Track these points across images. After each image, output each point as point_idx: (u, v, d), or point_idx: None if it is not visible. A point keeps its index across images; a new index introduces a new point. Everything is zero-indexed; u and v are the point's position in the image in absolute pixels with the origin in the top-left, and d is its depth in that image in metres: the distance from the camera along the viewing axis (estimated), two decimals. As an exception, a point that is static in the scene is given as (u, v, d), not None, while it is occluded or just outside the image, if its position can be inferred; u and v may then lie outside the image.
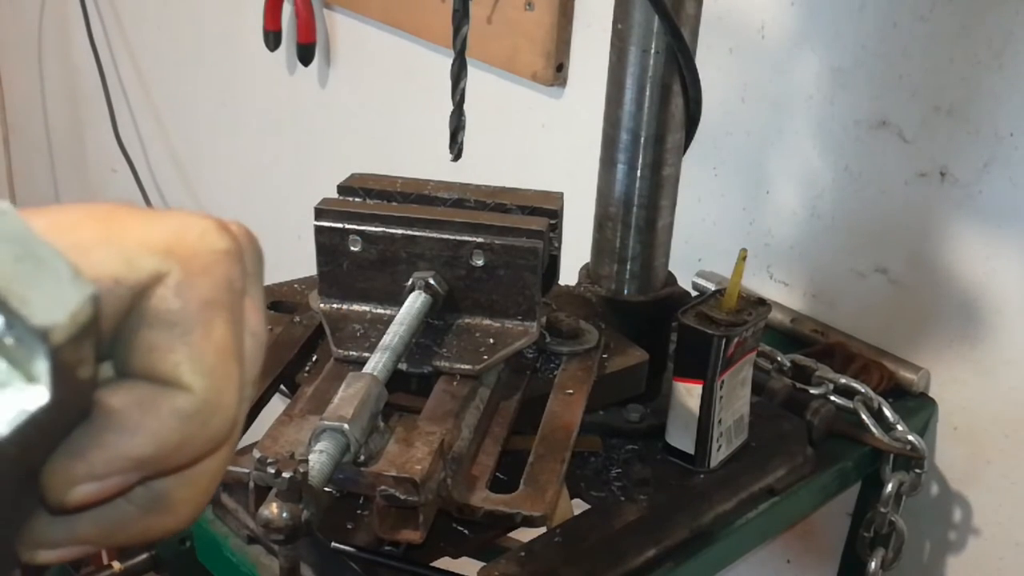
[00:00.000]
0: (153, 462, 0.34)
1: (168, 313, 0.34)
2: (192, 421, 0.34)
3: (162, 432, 0.34)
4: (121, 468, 0.34)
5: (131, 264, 0.33)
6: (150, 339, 0.34)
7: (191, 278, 0.34)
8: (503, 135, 1.57)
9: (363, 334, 0.79)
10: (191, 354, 0.34)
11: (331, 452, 0.61)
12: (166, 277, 0.34)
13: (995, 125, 1.05)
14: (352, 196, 0.84)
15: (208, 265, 0.35)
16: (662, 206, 0.96)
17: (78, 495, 0.34)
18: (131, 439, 0.34)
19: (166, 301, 0.34)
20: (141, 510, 0.36)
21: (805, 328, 1.22)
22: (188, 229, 0.35)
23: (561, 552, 0.80)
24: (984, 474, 1.15)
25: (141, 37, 2.33)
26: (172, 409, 0.34)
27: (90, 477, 0.34)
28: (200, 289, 0.34)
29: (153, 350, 0.34)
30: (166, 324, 0.34)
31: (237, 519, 0.85)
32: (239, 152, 2.17)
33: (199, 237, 0.35)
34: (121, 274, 0.33)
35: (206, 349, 0.34)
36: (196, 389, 0.34)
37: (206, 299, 0.35)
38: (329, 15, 1.83)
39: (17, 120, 2.89)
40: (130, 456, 0.34)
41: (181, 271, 0.34)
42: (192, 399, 0.34)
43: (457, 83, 0.90)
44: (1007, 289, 1.08)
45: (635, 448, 0.94)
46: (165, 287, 0.34)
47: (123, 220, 0.35)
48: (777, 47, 1.21)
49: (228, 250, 0.36)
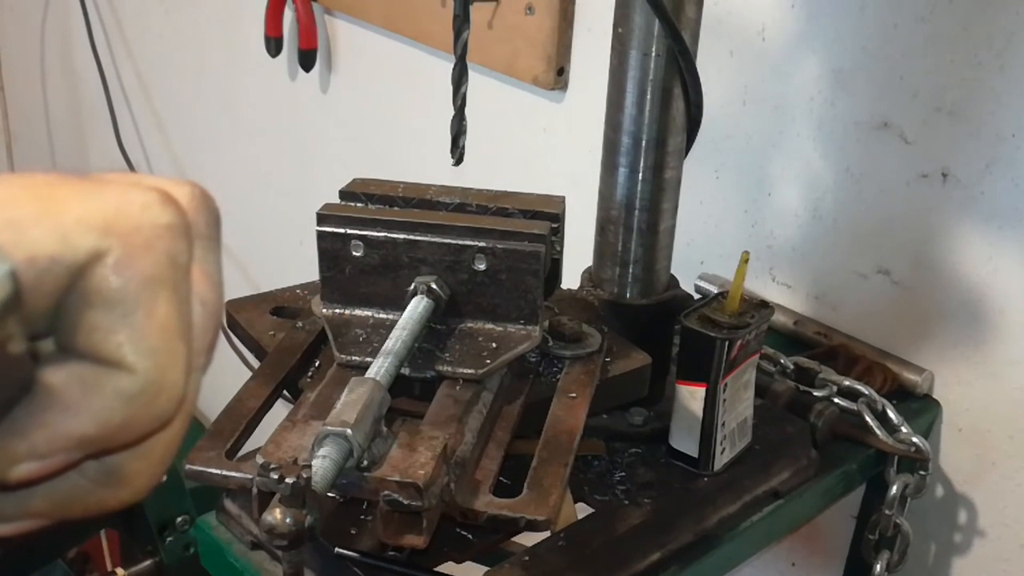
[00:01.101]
0: (97, 441, 0.34)
1: (108, 292, 0.33)
2: (136, 402, 0.34)
3: (105, 413, 0.33)
4: (63, 447, 0.34)
5: (68, 242, 0.32)
6: (91, 319, 0.33)
7: (131, 255, 0.33)
8: (504, 139, 1.57)
9: (366, 339, 0.79)
10: (133, 335, 0.33)
11: (334, 457, 0.61)
12: (105, 255, 0.33)
13: (996, 126, 1.04)
14: (354, 201, 0.84)
15: (150, 240, 0.34)
16: (664, 209, 0.96)
17: (20, 472, 0.33)
18: (73, 419, 0.33)
19: (106, 280, 0.33)
20: (94, 483, 0.36)
21: (808, 330, 1.22)
22: (129, 203, 0.34)
23: (565, 556, 0.80)
24: (989, 476, 1.14)
25: (143, 44, 2.33)
26: (115, 390, 0.33)
27: (32, 456, 0.33)
28: (141, 267, 0.33)
29: (95, 331, 0.33)
30: (107, 304, 0.33)
31: (240, 525, 0.85)
32: (241, 158, 2.17)
33: (140, 211, 0.34)
34: (57, 252, 0.32)
35: (149, 329, 0.34)
36: (139, 370, 0.33)
37: (147, 277, 0.33)
38: (330, 21, 1.84)
39: (20, 127, 2.90)
40: (72, 436, 0.33)
41: (121, 248, 0.33)
42: (135, 380, 0.33)
43: (458, 88, 0.90)
44: (1010, 290, 1.08)
45: (638, 452, 0.94)
46: (104, 266, 0.33)
47: (61, 194, 0.33)
48: (778, 49, 1.21)
49: (171, 224, 0.35)
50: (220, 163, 2.24)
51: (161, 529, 1.04)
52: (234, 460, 0.73)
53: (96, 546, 1.90)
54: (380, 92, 1.79)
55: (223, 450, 0.73)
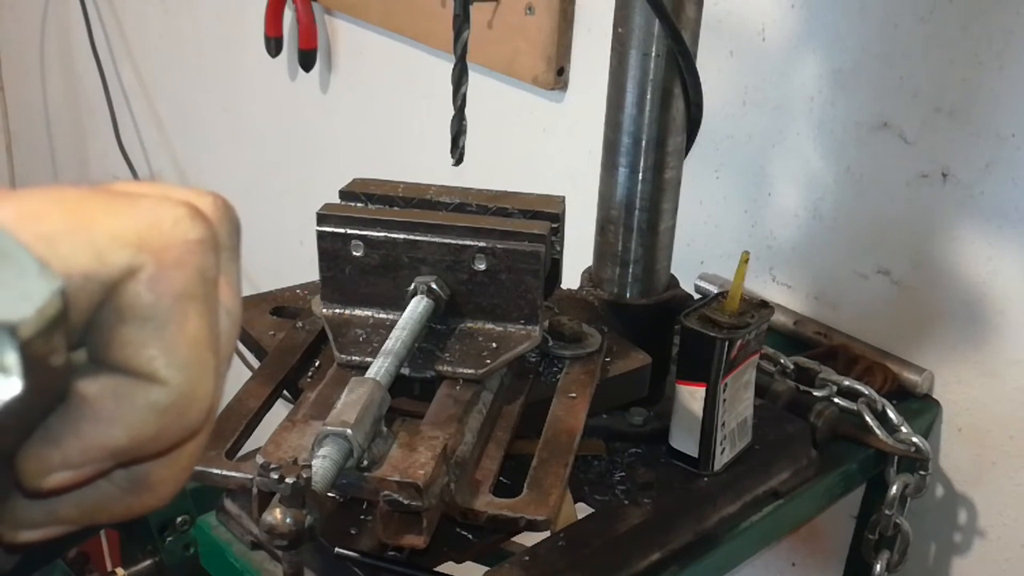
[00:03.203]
0: (129, 452, 0.34)
1: (142, 308, 0.33)
2: (168, 413, 0.34)
3: (137, 424, 0.34)
4: (96, 457, 0.34)
5: (102, 258, 0.32)
6: (124, 333, 0.33)
7: (164, 271, 0.34)
8: (504, 139, 1.57)
9: (366, 339, 0.79)
10: (166, 348, 0.34)
11: (334, 457, 0.61)
12: (139, 271, 0.33)
13: (996, 126, 1.04)
14: (354, 201, 0.84)
15: (181, 257, 0.34)
16: (664, 209, 0.96)
17: (53, 481, 0.34)
18: (107, 430, 0.34)
19: (139, 296, 0.33)
20: (122, 491, 0.37)
21: (808, 330, 1.22)
22: (161, 219, 0.34)
23: (565, 556, 0.80)
24: (989, 475, 1.14)
25: (143, 43, 2.33)
26: (148, 402, 0.34)
27: (65, 465, 0.34)
28: (173, 282, 0.34)
29: (128, 344, 0.33)
30: (140, 319, 0.33)
31: (240, 525, 0.85)
32: (241, 158, 2.17)
33: (172, 226, 0.34)
34: (92, 269, 0.32)
35: (180, 342, 0.34)
36: (171, 383, 0.34)
37: (179, 292, 0.34)
38: (330, 21, 1.84)
39: (20, 127, 2.90)
40: (106, 446, 0.34)
41: (154, 264, 0.33)
42: (168, 392, 0.34)
43: (458, 88, 0.90)
44: (1010, 290, 1.08)
45: (639, 452, 0.94)
46: (138, 281, 0.33)
47: (92, 208, 0.33)
48: (778, 49, 1.21)
49: (201, 239, 0.35)
50: (220, 163, 2.24)
51: (161, 529, 1.04)
52: (234, 460, 0.73)
53: (96, 546, 1.90)
54: (380, 92, 1.79)
55: (223, 450, 0.73)
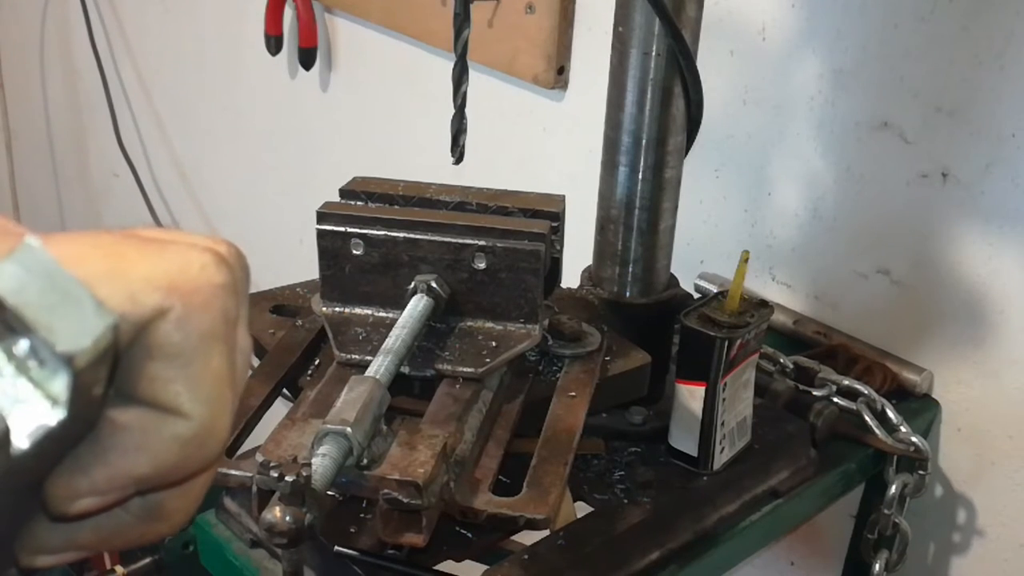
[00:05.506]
0: (151, 480, 0.37)
1: (170, 346, 0.36)
2: (190, 445, 0.37)
3: (161, 455, 0.37)
4: (121, 485, 0.37)
5: (136, 300, 0.35)
6: (152, 370, 0.36)
7: (192, 313, 0.37)
8: (504, 138, 1.57)
9: (365, 337, 0.79)
10: (191, 384, 0.37)
11: (334, 456, 0.61)
12: (168, 312, 0.36)
13: (997, 126, 1.04)
14: (354, 200, 0.84)
15: (208, 300, 0.37)
16: (664, 208, 0.96)
17: (80, 507, 0.36)
18: (133, 459, 0.36)
19: (168, 335, 0.36)
20: (137, 519, 0.39)
21: (807, 330, 1.22)
22: (189, 264, 0.37)
23: (564, 555, 0.80)
24: (988, 475, 1.14)
25: (143, 42, 2.33)
26: (173, 434, 0.37)
27: (92, 492, 0.36)
28: (200, 323, 0.37)
29: (155, 380, 0.36)
30: (168, 356, 0.36)
31: (240, 523, 0.85)
32: (241, 156, 2.17)
33: (199, 271, 0.38)
34: (126, 310, 0.35)
35: (204, 379, 0.37)
36: (195, 417, 0.37)
37: (205, 332, 0.37)
38: (330, 19, 1.83)
39: (19, 125, 2.90)
40: (131, 475, 0.36)
41: (183, 306, 0.36)
42: (191, 426, 0.37)
43: (458, 87, 0.90)
44: (1010, 290, 1.08)
45: (638, 451, 0.94)
46: (167, 321, 0.36)
47: (127, 253, 0.37)
48: (778, 49, 1.21)
49: (226, 284, 0.38)
50: (220, 161, 2.24)
51: (160, 527, 1.04)
52: (234, 458, 0.73)
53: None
54: (380, 91, 1.79)
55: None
